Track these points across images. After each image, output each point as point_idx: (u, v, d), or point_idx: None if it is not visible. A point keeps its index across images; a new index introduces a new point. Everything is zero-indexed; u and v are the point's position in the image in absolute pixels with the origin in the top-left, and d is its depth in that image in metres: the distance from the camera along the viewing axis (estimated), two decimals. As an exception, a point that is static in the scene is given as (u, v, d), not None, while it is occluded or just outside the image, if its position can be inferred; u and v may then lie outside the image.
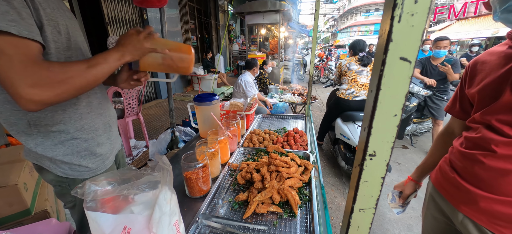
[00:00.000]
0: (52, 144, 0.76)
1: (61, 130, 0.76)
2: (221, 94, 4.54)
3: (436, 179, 0.98)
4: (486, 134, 0.76)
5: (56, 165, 0.79)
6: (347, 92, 2.63)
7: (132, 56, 0.73)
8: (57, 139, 0.76)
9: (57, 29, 0.70)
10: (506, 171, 0.71)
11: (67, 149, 0.78)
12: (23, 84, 0.54)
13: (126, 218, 0.53)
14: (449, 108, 0.99)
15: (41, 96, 0.56)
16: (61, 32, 0.71)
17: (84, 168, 0.83)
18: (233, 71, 9.66)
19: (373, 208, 0.30)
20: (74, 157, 0.80)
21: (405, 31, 0.21)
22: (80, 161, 0.81)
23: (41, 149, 0.75)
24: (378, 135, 0.26)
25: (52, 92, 0.58)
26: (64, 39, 0.72)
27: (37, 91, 0.56)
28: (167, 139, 2.51)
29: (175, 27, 6.30)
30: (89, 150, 0.83)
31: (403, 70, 0.23)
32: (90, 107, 0.84)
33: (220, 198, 0.91)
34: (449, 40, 2.97)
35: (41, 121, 0.72)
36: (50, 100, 0.59)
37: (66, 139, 0.77)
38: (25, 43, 0.57)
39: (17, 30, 0.55)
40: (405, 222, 2.11)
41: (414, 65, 0.22)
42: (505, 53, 0.76)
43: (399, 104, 0.24)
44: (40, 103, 0.58)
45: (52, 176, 0.80)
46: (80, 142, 0.80)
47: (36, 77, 0.56)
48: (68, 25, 0.74)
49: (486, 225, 0.76)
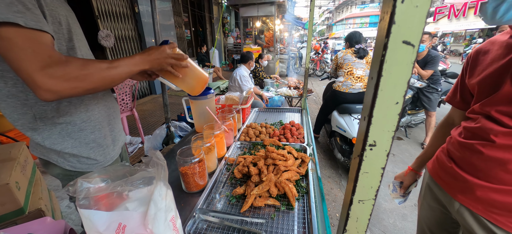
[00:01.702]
0: (59, 136, 0.76)
1: (68, 122, 0.76)
2: (217, 88, 4.49)
3: (433, 169, 0.99)
4: (486, 124, 0.76)
5: (64, 158, 0.79)
6: (343, 85, 2.63)
7: (151, 67, 0.77)
8: (65, 131, 0.76)
9: (58, 20, 0.69)
10: (504, 160, 0.71)
11: (75, 141, 0.78)
12: (40, 74, 0.55)
13: (121, 215, 0.52)
14: (449, 99, 0.99)
15: (58, 87, 0.57)
16: (62, 23, 0.71)
17: (92, 160, 0.83)
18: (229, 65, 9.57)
19: (373, 199, 0.29)
20: (83, 148, 0.80)
21: (409, 12, 0.20)
22: (89, 153, 0.82)
23: (49, 142, 0.75)
24: (378, 124, 0.25)
25: (68, 85, 0.59)
26: (65, 30, 0.72)
27: (54, 81, 0.57)
28: (162, 134, 2.48)
29: (168, 21, 6.16)
30: (97, 142, 0.83)
31: (406, 55, 0.21)
32: (96, 98, 0.84)
33: (217, 193, 0.91)
34: (429, 35, 3.00)
35: (47, 113, 0.72)
36: (66, 93, 0.59)
37: (73, 130, 0.77)
38: (34, 34, 0.57)
39: (24, 21, 0.54)
40: (400, 211, 2.15)
41: (417, 50, 0.21)
42: (506, 43, 0.76)
43: (401, 91, 0.23)
44: (57, 93, 0.58)
45: (60, 170, 0.81)
46: (87, 133, 0.81)
47: (53, 69, 0.57)
48: (67, 16, 0.74)
49: (482, 213, 0.78)
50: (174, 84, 0.92)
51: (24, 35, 0.55)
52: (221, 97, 1.75)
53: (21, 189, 1.23)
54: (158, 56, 0.77)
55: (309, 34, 1.71)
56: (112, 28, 4.64)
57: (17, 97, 0.67)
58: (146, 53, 0.76)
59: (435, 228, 1.05)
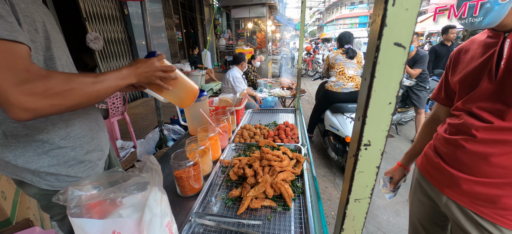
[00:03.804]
0: (35, 154, 0.68)
1: (44, 140, 0.68)
2: (210, 90, 4.46)
3: (422, 164, 1.02)
4: (467, 120, 0.79)
5: (40, 177, 0.71)
6: (335, 85, 2.67)
7: (138, 81, 0.73)
8: (41, 149, 0.68)
9: (34, 26, 0.62)
10: (485, 154, 0.74)
11: (52, 159, 0.70)
12: (15, 91, 0.49)
13: (115, 222, 0.51)
14: (435, 96, 1.03)
15: (36, 105, 0.51)
16: (38, 30, 0.64)
17: (73, 177, 0.76)
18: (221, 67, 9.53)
19: (369, 198, 0.30)
20: (61, 167, 0.72)
21: (400, 15, 0.21)
22: (68, 171, 0.74)
23: (22, 161, 0.67)
24: (372, 124, 0.26)
25: (48, 103, 0.53)
26: (42, 38, 0.65)
27: (32, 99, 0.50)
28: (155, 138, 2.44)
29: (159, 23, 6.08)
30: (77, 159, 0.76)
31: (397, 57, 0.22)
32: (76, 112, 0.76)
33: (213, 196, 0.90)
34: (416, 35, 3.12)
35: (20, 130, 0.64)
36: (45, 111, 0.53)
37: (51, 148, 0.70)
38: (7, 46, 0.50)
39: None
40: (393, 207, 2.20)
41: (408, 51, 0.22)
42: (484, 42, 0.79)
43: (393, 92, 0.24)
44: (34, 112, 0.52)
45: (36, 190, 0.73)
46: (67, 150, 0.73)
47: (30, 85, 0.50)
48: (45, 22, 0.67)
49: (467, 206, 0.80)
50: (162, 96, 0.89)
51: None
52: (214, 99, 1.74)
53: (7, 199, 1.18)
54: (146, 69, 0.73)
55: (301, 35, 1.73)
56: (101, 31, 4.53)
57: None
58: (133, 66, 0.72)
59: (425, 222, 1.08)
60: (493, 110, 0.73)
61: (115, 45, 4.91)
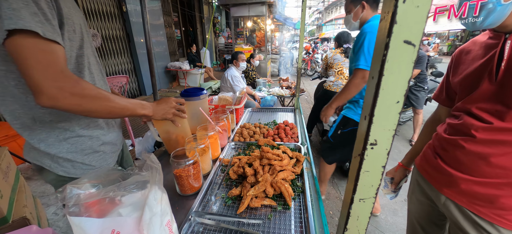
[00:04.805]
0: (56, 140, 0.76)
1: (66, 128, 0.77)
2: (209, 89, 4.45)
3: (421, 164, 1.02)
4: (467, 120, 0.79)
5: (58, 163, 0.78)
6: (334, 85, 2.67)
7: (154, 115, 0.87)
8: (62, 136, 0.77)
9: (73, 27, 0.73)
10: (485, 154, 0.75)
11: (71, 146, 0.78)
12: (49, 84, 0.59)
13: (114, 221, 0.50)
14: (436, 96, 1.03)
15: (60, 96, 0.61)
16: (76, 31, 0.74)
17: (87, 166, 0.83)
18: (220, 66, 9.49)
19: (373, 197, 0.30)
20: (78, 154, 0.80)
21: (410, 12, 0.20)
22: (83, 159, 0.82)
23: (45, 145, 0.75)
24: (379, 123, 0.25)
25: (71, 101, 0.63)
26: (78, 38, 0.76)
27: (60, 92, 0.61)
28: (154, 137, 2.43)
29: (157, 20, 6.04)
30: (93, 148, 0.84)
31: (407, 54, 0.22)
32: None
33: (212, 195, 0.89)
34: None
35: (46, 117, 0.73)
36: (64, 106, 0.63)
37: (71, 136, 0.78)
38: (49, 46, 0.60)
39: (42, 31, 0.58)
40: (391, 206, 2.21)
41: (417, 49, 0.21)
42: (485, 44, 0.79)
43: (402, 90, 0.23)
44: (56, 102, 0.61)
45: (53, 175, 0.80)
46: (85, 139, 0.81)
47: (62, 82, 0.61)
48: (81, 24, 0.78)
49: (466, 206, 0.81)
50: (159, 134, 1.05)
51: (40, 46, 0.58)
52: (214, 98, 1.73)
53: (4, 197, 1.16)
54: (165, 106, 0.89)
55: (301, 34, 1.73)
56: (99, 28, 4.49)
57: (18, 98, 0.69)
58: (156, 102, 0.88)
59: (424, 222, 1.08)
60: (493, 111, 0.73)
61: (113, 43, 4.86)
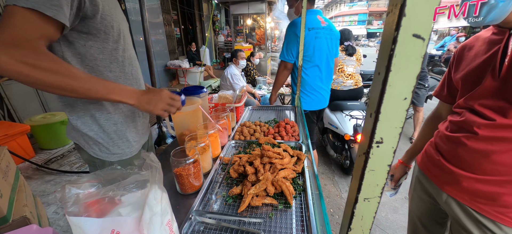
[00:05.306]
0: (91, 119, 0.82)
1: (98, 109, 0.82)
2: (209, 87, 4.44)
3: (422, 162, 1.02)
4: (469, 117, 0.79)
5: (88, 144, 0.85)
6: (334, 82, 2.66)
7: (137, 104, 0.77)
8: (95, 116, 0.82)
9: (111, 24, 0.77)
10: (486, 151, 0.74)
11: (99, 128, 0.84)
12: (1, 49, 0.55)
13: (113, 221, 0.50)
14: (437, 93, 1.02)
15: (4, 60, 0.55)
16: (114, 27, 0.79)
17: (111, 150, 0.88)
18: (220, 64, 9.46)
19: (378, 197, 0.29)
20: (104, 137, 0.85)
21: (420, 4, 0.19)
22: (108, 143, 0.87)
23: (81, 123, 0.81)
24: (386, 121, 0.24)
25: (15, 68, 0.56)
26: (115, 33, 0.80)
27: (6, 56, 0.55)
28: (154, 135, 2.42)
29: (157, 19, 6.01)
30: (117, 134, 0.88)
31: (416, 49, 0.21)
32: None
33: (213, 193, 0.89)
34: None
35: None
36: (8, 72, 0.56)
37: (101, 116, 0.83)
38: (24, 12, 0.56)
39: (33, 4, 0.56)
40: (391, 204, 2.21)
41: (427, 44, 0.21)
42: (489, 39, 0.78)
43: (410, 86, 0.22)
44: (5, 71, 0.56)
45: (86, 155, 0.87)
46: (110, 124, 0.86)
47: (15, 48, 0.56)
48: (120, 23, 0.83)
49: (467, 203, 0.80)
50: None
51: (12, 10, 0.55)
52: (214, 96, 1.72)
53: (3, 197, 1.16)
54: (154, 98, 0.79)
55: (302, 32, 1.71)
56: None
57: None
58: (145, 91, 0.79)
59: (425, 219, 1.08)
60: (496, 108, 0.72)
61: (112, 41, 4.84)
